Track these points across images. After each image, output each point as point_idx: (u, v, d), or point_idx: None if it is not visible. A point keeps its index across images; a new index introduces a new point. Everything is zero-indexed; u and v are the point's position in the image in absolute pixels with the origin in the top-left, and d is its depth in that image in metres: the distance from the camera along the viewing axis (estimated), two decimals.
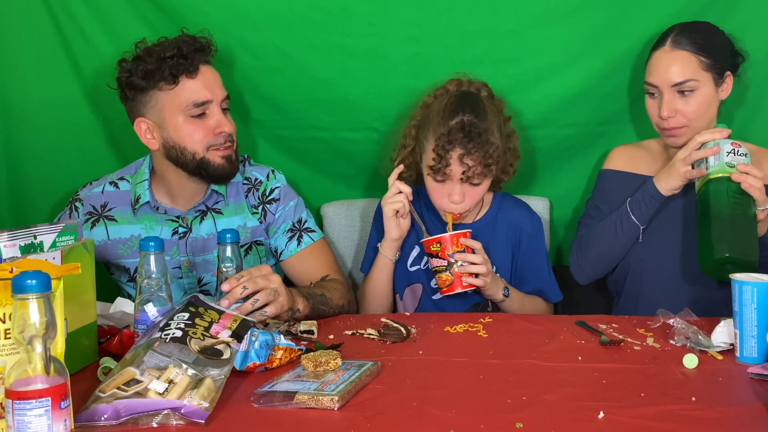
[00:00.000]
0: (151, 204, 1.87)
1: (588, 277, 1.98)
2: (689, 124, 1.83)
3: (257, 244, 1.94)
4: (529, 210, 2.03)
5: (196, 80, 1.79)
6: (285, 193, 1.96)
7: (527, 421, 1.11)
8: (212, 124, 1.80)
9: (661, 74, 1.83)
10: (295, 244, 1.92)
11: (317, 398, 1.17)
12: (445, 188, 1.83)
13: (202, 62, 1.82)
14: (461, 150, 1.78)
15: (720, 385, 1.28)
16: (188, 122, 1.79)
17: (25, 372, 0.99)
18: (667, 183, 1.78)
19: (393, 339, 1.53)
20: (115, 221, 1.89)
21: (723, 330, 1.45)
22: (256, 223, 1.92)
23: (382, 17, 2.02)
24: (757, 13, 1.99)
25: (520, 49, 2.04)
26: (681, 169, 1.74)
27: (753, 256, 1.58)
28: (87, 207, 1.91)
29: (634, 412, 1.15)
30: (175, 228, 1.89)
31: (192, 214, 1.89)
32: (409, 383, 1.28)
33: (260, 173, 1.96)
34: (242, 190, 1.93)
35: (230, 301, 1.48)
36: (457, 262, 1.76)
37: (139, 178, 1.90)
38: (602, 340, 1.51)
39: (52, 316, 1.01)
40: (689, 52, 1.82)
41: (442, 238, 1.78)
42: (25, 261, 1.15)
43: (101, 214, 1.90)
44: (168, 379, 1.17)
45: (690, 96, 1.82)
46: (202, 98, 1.78)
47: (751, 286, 1.37)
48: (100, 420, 1.11)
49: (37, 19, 2.09)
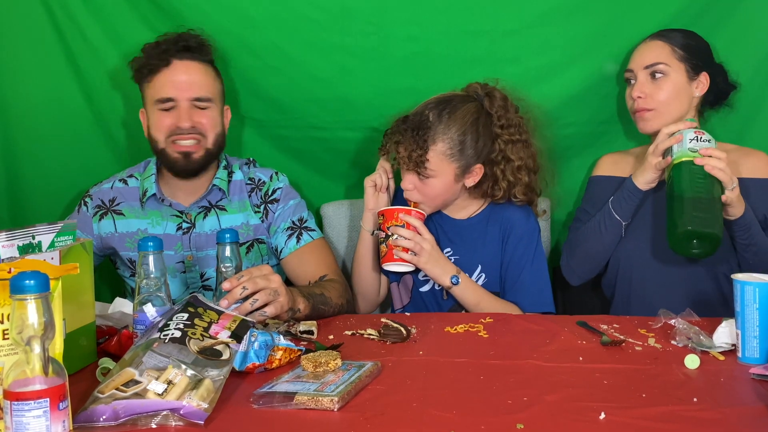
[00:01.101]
0: (158, 196, 1.93)
1: (579, 278, 2.00)
2: (657, 107, 1.90)
3: (259, 243, 1.96)
4: (527, 212, 1.97)
5: (166, 75, 1.87)
6: (286, 193, 1.98)
7: (528, 422, 1.11)
8: (176, 117, 1.87)
9: (636, 59, 1.94)
10: (294, 241, 1.94)
11: (317, 399, 1.16)
12: (404, 174, 1.89)
13: (179, 57, 1.87)
14: (397, 136, 1.84)
15: (722, 386, 1.28)
16: (159, 114, 1.89)
17: (23, 373, 0.98)
18: (642, 177, 1.84)
19: (393, 339, 1.53)
20: (122, 215, 1.95)
21: (725, 330, 1.45)
22: (258, 222, 1.95)
23: (382, 16, 2.02)
24: (754, 17, 2.00)
25: (521, 49, 2.04)
26: (652, 161, 1.80)
27: (715, 229, 1.63)
28: (96, 201, 1.97)
29: (636, 413, 1.14)
30: (179, 223, 1.93)
31: (195, 210, 1.94)
32: (409, 384, 1.28)
33: (264, 174, 2.00)
34: (245, 189, 1.97)
35: (230, 301, 1.48)
36: (393, 235, 1.82)
37: (147, 174, 1.97)
38: (603, 340, 1.51)
39: (51, 317, 1.00)
40: (664, 42, 1.92)
41: (385, 212, 1.85)
42: (23, 261, 1.15)
43: (109, 208, 1.96)
44: (167, 379, 1.17)
45: (660, 79, 1.91)
46: (165, 95, 1.87)
47: (753, 287, 1.37)
48: (98, 421, 1.11)
49: (36, 18, 2.09)
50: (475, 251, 1.95)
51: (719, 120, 2.02)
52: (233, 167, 2.01)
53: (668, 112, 1.90)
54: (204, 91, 1.89)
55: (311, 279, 1.87)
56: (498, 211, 1.97)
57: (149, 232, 1.93)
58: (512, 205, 1.96)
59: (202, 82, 1.89)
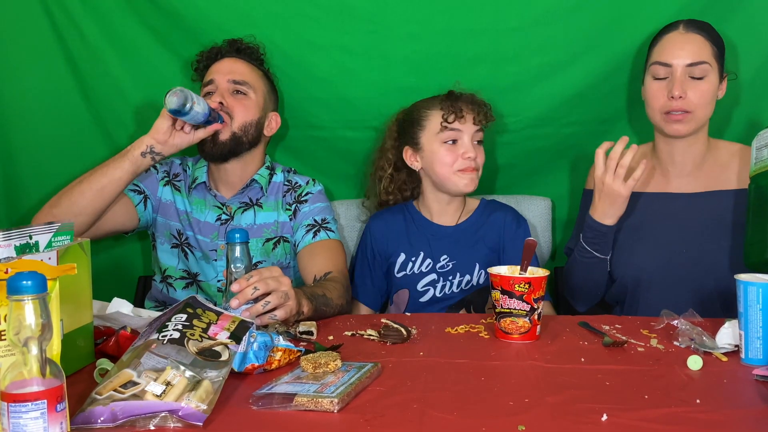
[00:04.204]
0: (207, 185, 2.04)
1: (585, 305, 1.98)
2: (695, 111, 1.79)
3: (284, 240, 2.02)
4: (515, 214, 2.06)
5: (214, 66, 2.00)
6: (317, 196, 2.06)
7: (529, 424, 1.10)
8: (212, 99, 1.96)
9: (676, 52, 1.80)
10: (310, 236, 1.98)
11: (317, 400, 1.16)
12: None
13: (231, 55, 2.01)
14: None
15: (724, 388, 1.27)
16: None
17: (20, 374, 0.98)
18: (613, 212, 1.76)
19: (393, 340, 1.53)
20: (178, 191, 2.07)
21: (728, 331, 1.45)
22: (287, 220, 2.02)
23: (382, 15, 2.01)
24: (755, 15, 1.99)
25: (522, 48, 2.04)
26: (623, 192, 1.71)
27: None
28: (165, 167, 2.09)
29: (638, 415, 1.14)
30: (219, 214, 2.03)
31: (236, 204, 2.02)
32: (409, 385, 1.28)
33: (301, 179, 2.09)
34: (282, 189, 2.05)
35: (240, 302, 1.47)
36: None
37: (201, 164, 2.07)
38: (605, 341, 1.50)
39: (48, 318, 1.00)
40: (703, 37, 1.81)
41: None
42: (20, 261, 1.15)
43: (171, 180, 2.08)
44: (165, 380, 1.16)
45: (701, 81, 1.79)
46: (208, 77, 1.99)
47: (757, 287, 1.36)
48: (96, 422, 1.11)
49: (34, 16, 2.09)
50: (471, 254, 2.00)
51: (722, 117, 2.00)
52: (276, 170, 2.09)
53: (702, 117, 1.80)
54: (240, 76, 1.98)
55: (317, 274, 1.89)
56: (486, 214, 2.05)
57: (193, 216, 2.02)
58: (499, 207, 2.07)
59: (242, 70, 1.99)
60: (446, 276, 1.98)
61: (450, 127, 1.94)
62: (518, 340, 1.52)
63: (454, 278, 1.98)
